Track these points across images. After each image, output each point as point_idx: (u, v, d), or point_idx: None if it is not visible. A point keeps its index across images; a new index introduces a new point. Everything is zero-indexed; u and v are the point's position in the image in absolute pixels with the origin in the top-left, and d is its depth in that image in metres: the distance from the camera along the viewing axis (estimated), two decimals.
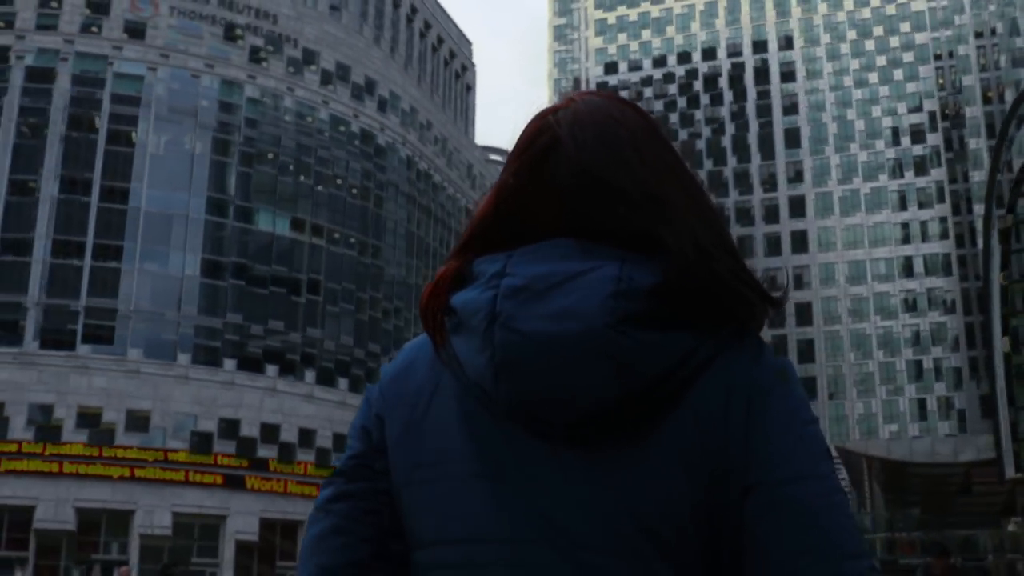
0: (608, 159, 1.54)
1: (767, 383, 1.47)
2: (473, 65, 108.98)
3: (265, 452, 67.71)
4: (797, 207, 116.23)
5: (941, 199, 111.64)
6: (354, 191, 77.75)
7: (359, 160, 78.74)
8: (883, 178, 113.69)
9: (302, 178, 74.48)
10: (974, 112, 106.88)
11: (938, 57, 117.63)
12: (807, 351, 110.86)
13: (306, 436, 70.02)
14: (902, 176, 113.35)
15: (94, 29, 70.38)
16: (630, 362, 1.41)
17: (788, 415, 1.45)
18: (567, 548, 1.41)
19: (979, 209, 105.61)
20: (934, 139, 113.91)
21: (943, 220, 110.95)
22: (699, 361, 1.45)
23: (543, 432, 1.45)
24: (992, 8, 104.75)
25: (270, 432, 68.31)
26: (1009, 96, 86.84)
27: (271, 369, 69.93)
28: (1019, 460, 47.34)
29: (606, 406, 1.42)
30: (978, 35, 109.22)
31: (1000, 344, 46.98)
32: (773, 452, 1.42)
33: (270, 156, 73.33)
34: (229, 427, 66.82)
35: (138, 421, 64.16)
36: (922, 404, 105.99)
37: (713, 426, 1.43)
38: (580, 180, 1.54)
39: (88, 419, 63.06)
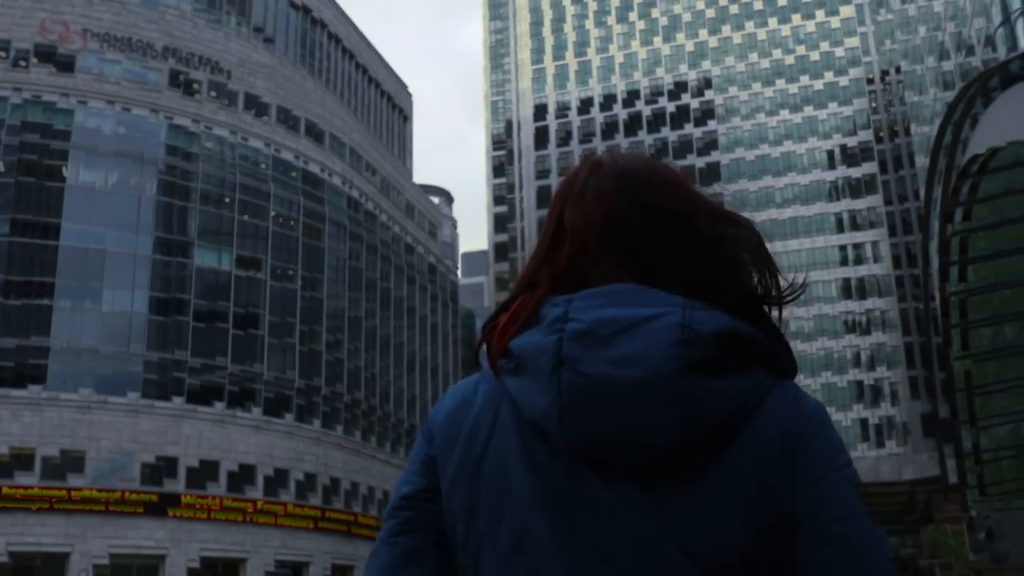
0: (660, 202, 1.69)
1: (811, 426, 1.57)
2: (411, 105, 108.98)
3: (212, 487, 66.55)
4: None
5: (879, 223, 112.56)
6: (292, 224, 77.02)
7: (301, 197, 78.08)
8: (821, 203, 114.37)
9: (246, 216, 73.61)
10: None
11: (871, 81, 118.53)
12: None
13: (247, 470, 68.90)
14: (839, 198, 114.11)
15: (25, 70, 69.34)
16: (695, 408, 1.50)
17: (831, 457, 1.55)
18: None
19: (918, 231, 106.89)
20: (867, 159, 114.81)
21: (875, 244, 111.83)
22: (754, 405, 1.55)
23: (603, 469, 1.53)
24: (895, 46, 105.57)
25: (211, 466, 67.12)
26: (915, 128, 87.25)
27: (219, 405, 68.84)
28: (981, 481, 47.16)
29: (668, 449, 1.50)
30: (884, 74, 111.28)
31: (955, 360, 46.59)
32: (820, 492, 1.52)
33: (217, 196, 72.54)
34: (170, 463, 65.59)
35: (75, 461, 62.75)
36: (864, 424, 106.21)
37: (768, 467, 1.52)
38: (636, 222, 1.67)
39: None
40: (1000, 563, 46.78)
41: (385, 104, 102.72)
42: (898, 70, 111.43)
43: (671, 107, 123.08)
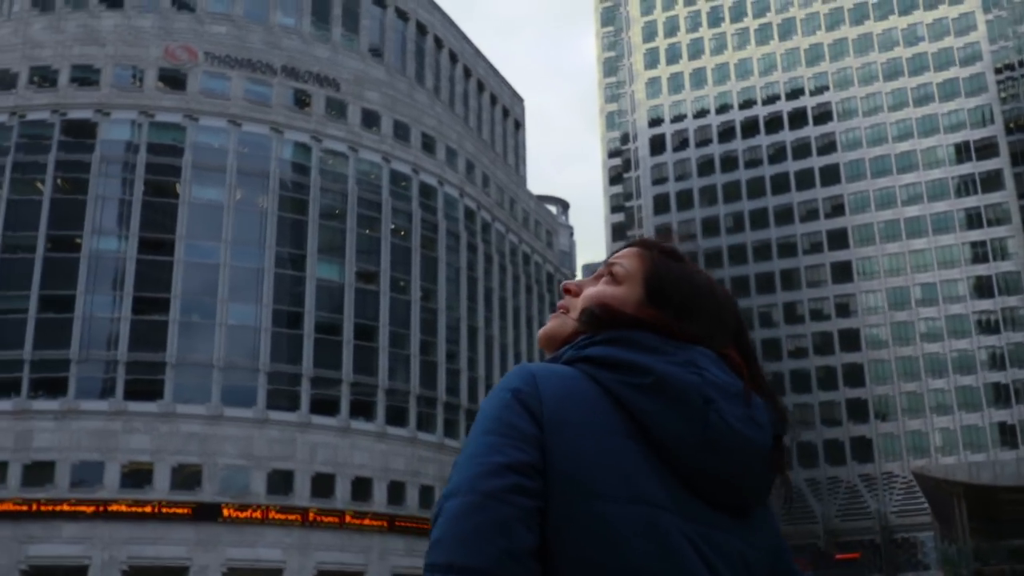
0: (711, 296, 2.06)
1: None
2: (523, 113, 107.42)
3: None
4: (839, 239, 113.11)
5: (1008, 219, 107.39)
6: (407, 236, 76.00)
7: (416, 208, 77.03)
8: (947, 200, 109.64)
9: (362, 229, 72.81)
10: None
11: (999, 71, 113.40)
12: (856, 375, 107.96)
13: (365, 482, 67.73)
14: (968, 194, 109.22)
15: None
16: (778, 468, 1.95)
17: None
18: None
19: None
20: (1000, 151, 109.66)
21: (1003, 241, 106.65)
22: None
23: (706, 493, 1.87)
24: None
25: (330, 478, 66.09)
26: None
27: (340, 416, 67.89)
28: None
29: (752, 495, 1.93)
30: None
31: None
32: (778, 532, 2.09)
33: (336, 212, 71.96)
34: (288, 475, 64.73)
35: (194, 475, 62.23)
36: (1002, 427, 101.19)
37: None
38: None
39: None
40: None
41: (498, 113, 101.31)
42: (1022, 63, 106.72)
43: (788, 108, 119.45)
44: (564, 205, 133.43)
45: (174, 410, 62.55)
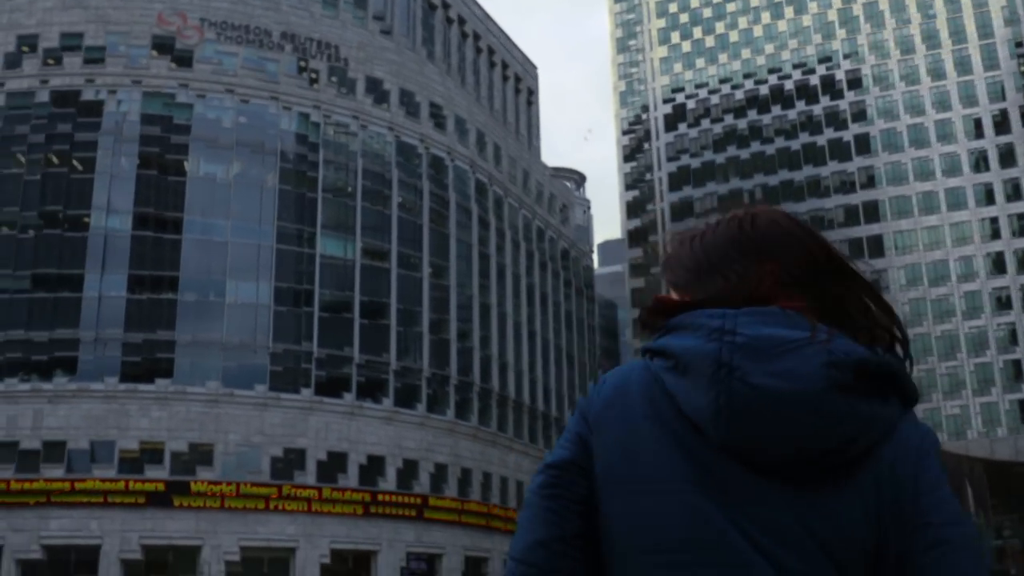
0: (803, 240, 2.00)
1: (930, 448, 1.87)
2: (538, 88, 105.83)
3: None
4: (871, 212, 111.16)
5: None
6: (416, 211, 75.02)
7: (426, 182, 76.04)
8: (968, 172, 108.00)
9: (370, 204, 71.86)
10: None
11: (1019, 44, 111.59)
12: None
13: (377, 462, 67.08)
14: (988, 168, 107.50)
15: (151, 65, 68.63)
16: (837, 422, 1.78)
17: (939, 473, 1.84)
18: (770, 557, 1.74)
19: None
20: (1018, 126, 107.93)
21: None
22: (892, 429, 1.84)
23: (752, 464, 1.79)
24: None
25: (340, 458, 65.47)
26: None
27: (347, 396, 67.16)
28: None
29: (810, 455, 1.78)
30: None
31: None
32: (936, 501, 1.80)
33: (340, 184, 70.94)
34: (298, 455, 64.17)
35: (204, 455, 61.73)
36: (1022, 405, 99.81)
37: (903, 480, 1.81)
38: (787, 253, 1.97)
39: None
40: None
41: (510, 85, 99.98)
42: None
43: (813, 80, 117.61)
44: (580, 178, 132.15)
45: (184, 390, 61.87)
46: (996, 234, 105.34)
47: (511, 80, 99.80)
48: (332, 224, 69.78)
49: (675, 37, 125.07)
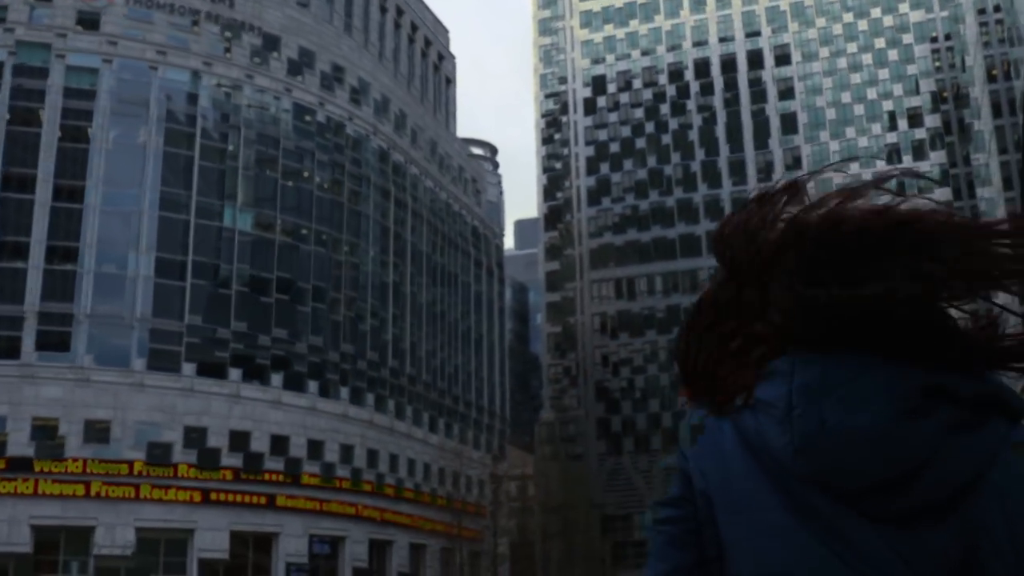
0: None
1: None
2: (452, 56, 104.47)
3: (232, 462, 63.55)
4: None
5: (943, 183, 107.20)
6: (324, 186, 73.55)
7: (328, 153, 74.46)
8: (881, 164, 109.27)
9: (267, 172, 70.13)
10: (976, 93, 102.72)
11: (934, 39, 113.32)
12: None
13: (278, 443, 65.92)
14: (900, 161, 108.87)
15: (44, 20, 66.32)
16: (903, 449, 1.71)
17: None
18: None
19: (983, 192, 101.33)
20: (933, 122, 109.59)
21: (946, 206, 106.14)
22: (993, 449, 1.71)
23: (852, 503, 1.74)
24: None
25: (239, 441, 64.12)
26: (1013, 73, 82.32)
27: (235, 374, 65.54)
28: None
29: (886, 485, 1.71)
30: (980, 11, 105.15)
31: None
32: None
33: (231, 149, 69.00)
34: (195, 436, 62.70)
35: (96, 432, 59.98)
36: None
37: (1017, 511, 1.68)
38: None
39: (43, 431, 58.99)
40: None
41: (429, 65, 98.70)
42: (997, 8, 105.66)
43: (738, 59, 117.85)
44: (492, 150, 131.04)
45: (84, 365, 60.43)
46: None
47: (430, 59, 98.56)
48: (215, 191, 67.83)
49: (596, 20, 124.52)
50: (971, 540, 1.67)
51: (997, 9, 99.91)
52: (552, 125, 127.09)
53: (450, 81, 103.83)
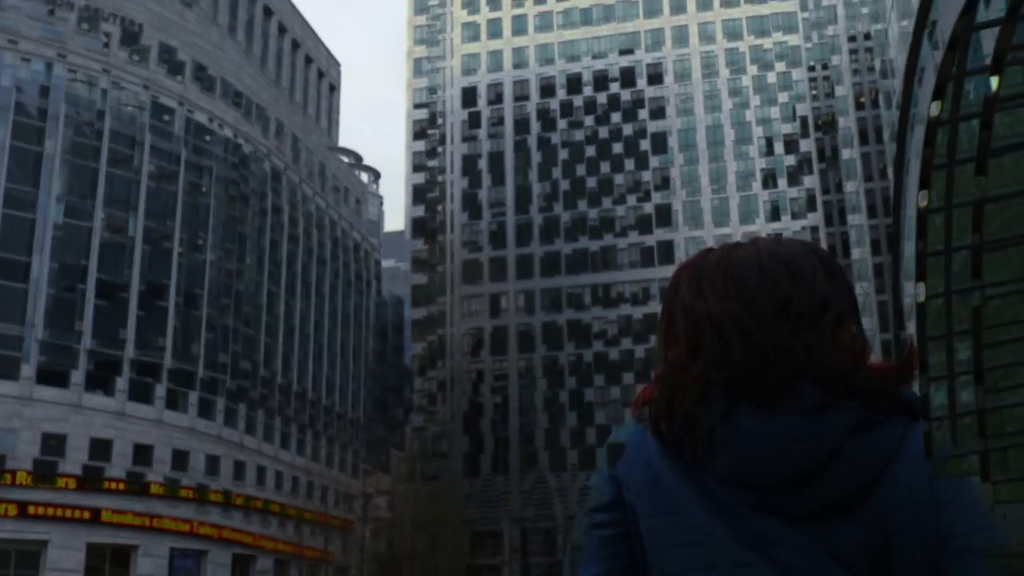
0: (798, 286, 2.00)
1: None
2: (338, 66, 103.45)
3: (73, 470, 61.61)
4: (664, 217, 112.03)
5: (813, 209, 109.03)
6: (204, 191, 72.01)
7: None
8: (755, 187, 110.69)
9: (133, 174, 68.25)
10: (847, 122, 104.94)
11: (811, 68, 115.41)
12: None
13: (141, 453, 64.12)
14: (775, 186, 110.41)
15: None
16: (809, 442, 1.86)
17: (958, 483, 1.87)
18: (775, 559, 1.86)
19: (853, 219, 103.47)
20: (806, 147, 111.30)
21: (815, 230, 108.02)
22: (895, 444, 1.90)
23: (760, 497, 1.89)
24: (865, 11, 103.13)
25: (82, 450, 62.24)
26: (882, 102, 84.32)
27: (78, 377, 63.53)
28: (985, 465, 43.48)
29: (798, 478, 1.86)
30: (851, 39, 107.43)
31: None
32: (956, 510, 1.86)
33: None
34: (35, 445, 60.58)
35: None
36: None
37: (922, 500, 1.87)
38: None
39: None
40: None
41: (313, 75, 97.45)
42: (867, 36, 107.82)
43: (613, 72, 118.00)
44: (376, 174, 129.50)
45: None
46: None
47: (313, 68, 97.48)
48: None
49: (473, 30, 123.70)
50: (883, 530, 1.84)
51: (867, 37, 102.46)
52: (421, 136, 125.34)
53: (335, 89, 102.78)
